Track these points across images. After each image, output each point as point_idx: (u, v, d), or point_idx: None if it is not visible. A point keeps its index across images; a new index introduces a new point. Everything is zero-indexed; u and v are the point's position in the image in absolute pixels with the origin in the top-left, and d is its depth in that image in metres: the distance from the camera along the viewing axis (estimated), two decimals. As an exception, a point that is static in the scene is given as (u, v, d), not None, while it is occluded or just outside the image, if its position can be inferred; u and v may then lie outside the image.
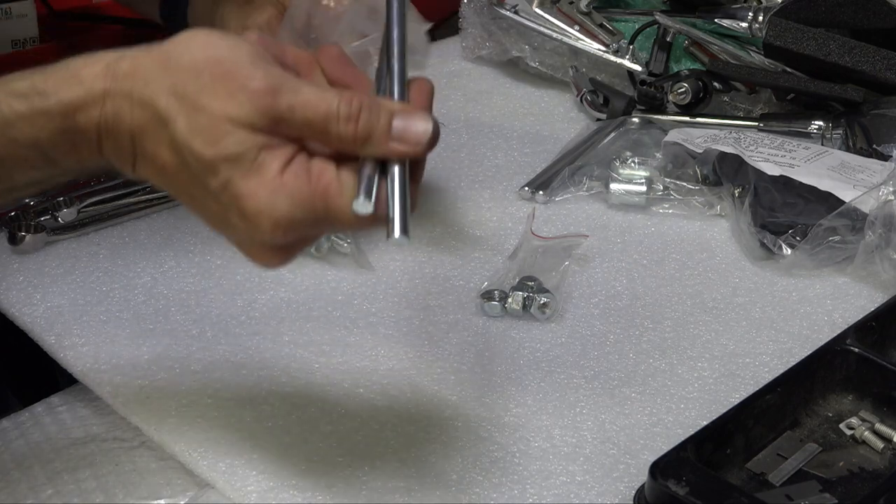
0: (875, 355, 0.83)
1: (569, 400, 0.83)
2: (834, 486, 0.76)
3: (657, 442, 0.78)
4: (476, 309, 0.93)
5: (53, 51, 1.20)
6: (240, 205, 0.59)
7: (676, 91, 1.20)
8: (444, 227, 1.05)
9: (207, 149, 0.59)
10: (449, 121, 1.26)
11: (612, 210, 1.09)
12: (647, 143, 1.15)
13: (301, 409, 0.79)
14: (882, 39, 1.16)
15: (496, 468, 0.76)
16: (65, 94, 0.61)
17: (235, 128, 0.59)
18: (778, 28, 1.17)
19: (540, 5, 1.30)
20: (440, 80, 1.35)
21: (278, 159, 0.59)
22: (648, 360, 0.88)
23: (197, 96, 0.59)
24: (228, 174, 0.59)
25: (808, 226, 0.98)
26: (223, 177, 0.59)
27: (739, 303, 0.95)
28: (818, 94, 1.17)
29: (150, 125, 0.60)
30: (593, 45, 1.29)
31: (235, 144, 0.59)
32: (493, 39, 1.35)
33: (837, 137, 1.13)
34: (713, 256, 1.02)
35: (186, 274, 0.97)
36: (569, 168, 1.12)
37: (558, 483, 0.75)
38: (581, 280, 0.97)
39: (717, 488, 0.70)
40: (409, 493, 0.73)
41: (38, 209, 1.01)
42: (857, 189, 1.00)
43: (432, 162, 1.17)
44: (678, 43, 1.29)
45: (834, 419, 0.82)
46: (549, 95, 1.33)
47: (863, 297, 0.96)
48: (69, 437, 0.78)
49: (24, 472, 0.75)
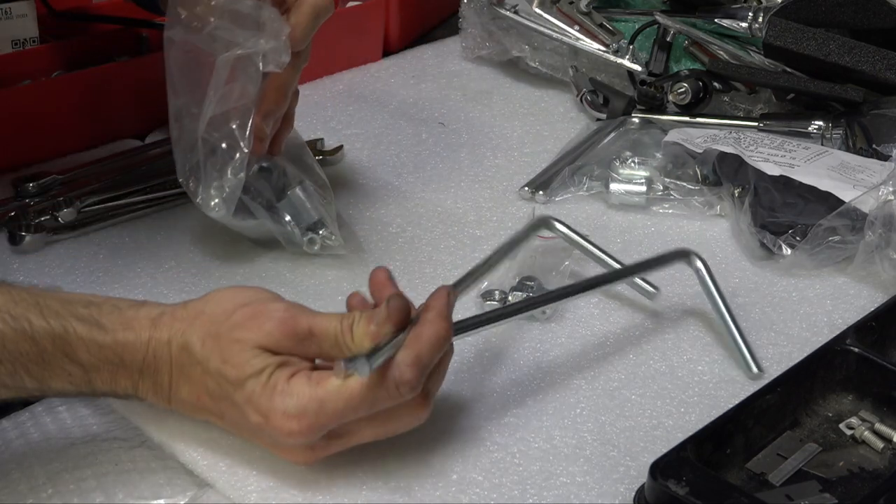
0: (875, 355, 0.83)
1: (569, 401, 0.83)
2: (834, 486, 0.76)
3: (657, 444, 0.78)
4: (476, 309, 0.93)
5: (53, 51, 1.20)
6: (259, 409, 0.71)
7: (676, 91, 1.20)
8: (444, 227, 1.05)
9: (237, 371, 0.71)
10: (449, 121, 1.26)
11: (612, 210, 1.09)
12: (647, 143, 1.15)
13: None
14: (882, 39, 1.16)
15: (496, 469, 0.76)
16: (120, 335, 0.72)
17: (261, 351, 0.71)
18: (778, 28, 1.17)
19: (540, 5, 1.30)
20: (440, 80, 1.36)
21: (287, 371, 0.71)
22: (649, 362, 0.88)
23: (230, 333, 0.72)
24: (252, 387, 0.71)
25: (808, 226, 0.98)
26: (248, 389, 0.71)
27: (739, 303, 0.94)
28: (818, 94, 1.17)
29: (186, 363, 0.72)
30: (593, 45, 1.29)
31: (260, 362, 0.71)
32: (493, 39, 1.36)
33: (837, 137, 1.13)
34: (713, 256, 1.02)
35: (186, 274, 0.97)
36: (569, 168, 1.12)
37: (558, 484, 0.75)
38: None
39: (717, 488, 0.70)
40: (410, 493, 0.73)
41: (38, 209, 1.01)
42: (857, 189, 1.00)
43: (432, 161, 1.18)
44: (678, 43, 1.29)
45: (834, 419, 0.82)
46: (549, 95, 1.33)
47: (863, 297, 0.96)
48: (69, 437, 0.78)
49: (23, 472, 0.75)
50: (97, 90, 1.15)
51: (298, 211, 0.97)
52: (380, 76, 1.37)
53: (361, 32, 1.38)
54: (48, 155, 1.13)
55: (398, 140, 1.22)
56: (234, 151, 0.91)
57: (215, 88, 0.89)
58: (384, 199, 1.10)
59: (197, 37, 0.90)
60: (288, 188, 0.97)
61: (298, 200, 0.97)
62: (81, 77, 1.15)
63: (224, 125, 0.91)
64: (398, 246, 1.02)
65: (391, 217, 1.07)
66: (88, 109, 1.16)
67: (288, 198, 0.97)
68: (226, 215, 0.93)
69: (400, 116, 1.27)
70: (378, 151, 1.19)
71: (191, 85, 0.91)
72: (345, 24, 1.37)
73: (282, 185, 0.97)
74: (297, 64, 0.94)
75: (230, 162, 0.91)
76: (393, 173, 1.15)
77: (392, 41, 1.43)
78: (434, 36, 1.50)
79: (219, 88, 0.89)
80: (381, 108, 1.29)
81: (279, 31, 0.89)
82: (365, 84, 1.35)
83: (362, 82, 1.36)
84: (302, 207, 0.97)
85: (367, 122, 1.26)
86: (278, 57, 0.89)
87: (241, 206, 0.94)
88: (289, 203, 0.97)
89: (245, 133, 0.91)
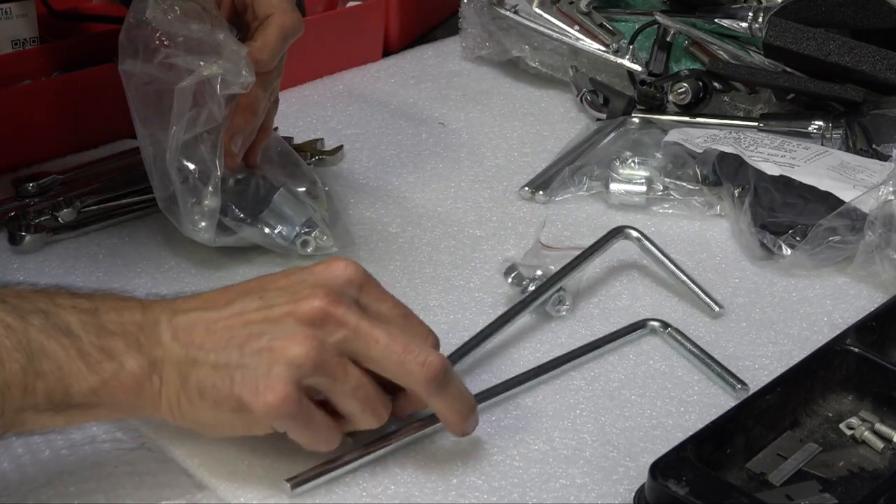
0: (875, 355, 0.83)
1: (569, 402, 0.83)
2: (834, 486, 0.76)
3: (657, 445, 0.78)
4: (477, 309, 0.93)
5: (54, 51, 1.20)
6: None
7: (676, 91, 1.20)
8: (444, 227, 1.05)
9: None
10: (449, 121, 1.26)
11: (612, 210, 1.09)
12: (647, 143, 1.15)
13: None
14: (882, 39, 1.16)
15: (496, 471, 0.76)
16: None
17: None
18: (778, 28, 1.16)
19: (540, 5, 1.30)
20: (440, 80, 1.36)
21: None
22: (648, 362, 0.88)
23: None
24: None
25: (808, 226, 0.98)
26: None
27: (739, 303, 0.94)
28: (818, 94, 1.17)
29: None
30: (593, 45, 1.29)
31: None
32: (493, 39, 1.35)
33: (837, 137, 1.13)
34: (713, 256, 1.02)
35: (186, 274, 0.97)
36: (569, 168, 1.12)
37: (558, 486, 0.75)
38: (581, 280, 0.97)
39: (717, 488, 0.70)
40: (410, 497, 0.73)
41: (38, 209, 1.01)
42: (857, 189, 1.00)
43: (432, 161, 1.18)
44: (678, 43, 1.29)
45: (834, 419, 0.82)
46: (549, 95, 1.33)
47: (863, 297, 0.96)
48: (69, 439, 0.78)
49: (23, 474, 0.75)
50: (97, 90, 1.15)
51: (284, 216, 0.97)
52: (380, 76, 1.37)
53: (361, 32, 1.38)
54: (48, 155, 1.13)
55: (398, 140, 1.22)
56: (206, 176, 0.91)
57: (179, 116, 0.89)
58: (384, 199, 1.10)
59: (152, 66, 0.90)
60: (271, 195, 0.97)
61: (280, 206, 0.97)
62: (81, 77, 1.15)
63: (195, 151, 0.91)
64: (398, 246, 1.02)
65: (391, 217, 1.07)
66: (88, 109, 1.16)
67: (271, 205, 0.97)
68: (211, 238, 0.94)
69: (400, 116, 1.27)
70: (378, 151, 1.19)
71: (155, 115, 0.91)
72: (345, 24, 1.37)
73: (263, 194, 0.97)
74: (267, 81, 0.94)
75: (204, 187, 0.91)
76: (393, 173, 1.15)
77: (392, 41, 1.43)
78: (434, 36, 1.50)
79: (182, 116, 0.89)
80: (381, 108, 1.29)
81: (237, 52, 0.89)
82: (365, 84, 1.35)
83: (362, 82, 1.36)
84: (286, 212, 0.97)
85: (367, 122, 1.26)
86: (237, 79, 0.89)
87: (220, 225, 0.94)
88: (272, 211, 0.97)
89: (215, 156, 0.91)
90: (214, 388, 0.70)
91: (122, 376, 0.69)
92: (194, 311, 0.72)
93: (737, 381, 0.84)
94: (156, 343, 0.70)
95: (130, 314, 0.71)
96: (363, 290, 0.74)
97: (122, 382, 0.69)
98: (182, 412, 0.71)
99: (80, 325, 0.68)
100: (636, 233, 0.97)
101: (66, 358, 0.67)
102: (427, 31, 1.51)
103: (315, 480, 0.73)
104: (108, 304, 0.71)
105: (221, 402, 0.70)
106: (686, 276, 0.95)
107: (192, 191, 0.91)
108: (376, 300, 0.74)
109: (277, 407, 0.69)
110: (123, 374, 0.69)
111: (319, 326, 0.70)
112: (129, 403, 0.70)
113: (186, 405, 0.70)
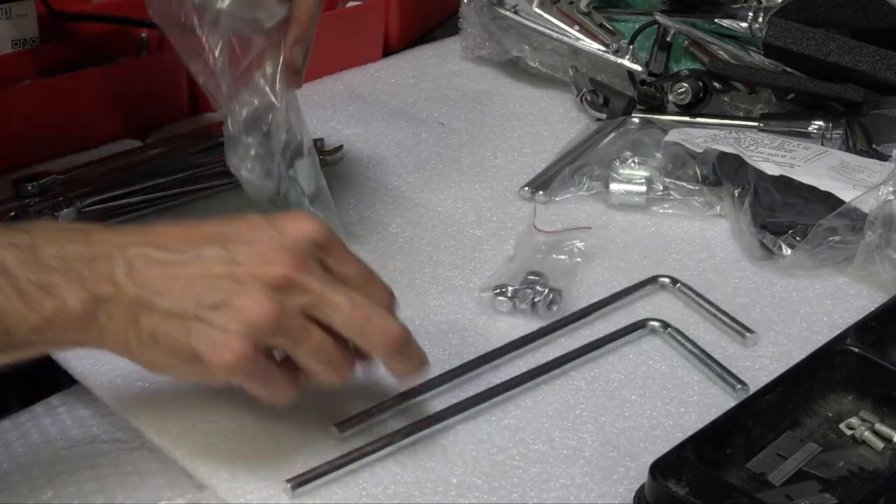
0: (875, 355, 0.83)
1: (568, 402, 0.83)
2: (834, 486, 0.76)
3: (657, 445, 0.78)
4: (477, 309, 0.93)
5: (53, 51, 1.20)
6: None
7: (676, 91, 1.20)
8: (444, 227, 1.05)
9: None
10: (449, 121, 1.26)
11: (612, 210, 1.09)
12: (647, 143, 1.15)
13: (302, 414, 0.79)
14: (882, 39, 1.16)
15: (496, 471, 0.76)
16: None
17: None
18: (778, 28, 1.16)
19: (540, 5, 1.30)
20: (440, 80, 1.36)
21: None
22: (648, 362, 0.88)
23: None
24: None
25: (808, 226, 0.98)
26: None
27: (739, 303, 0.94)
28: (818, 94, 1.17)
29: None
30: (593, 45, 1.29)
31: None
32: (493, 39, 1.35)
33: (837, 137, 1.13)
34: (713, 256, 1.02)
35: (186, 275, 0.97)
36: (569, 168, 1.12)
37: (558, 486, 0.75)
38: (581, 280, 0.97)
39: (717, 488, 0.70)
40: (410, 497, 0.73)
41: (38, 209, 1.01)
42: (857, 189, 1.00)
43: (432, 161, 1.18)
44: (678, 43, 1.29)
45: (834, 419, 0.82)
46: (549, 95, 1.32)
47: (863, 297, 0.96)
48: (69, 439, 0.78)
49: (23, 474, 0.75)
50: (97, 90, 1.15)
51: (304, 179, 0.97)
52: (380, 76, 1.37)
53: (361, 32, 1.38)
54: (48, 155, 1.13)
55: (398, 140, 1.22)
56: (265, 102, 0.92)
57: (219, 52, 0.89)
58: (384, 199, 1.10)
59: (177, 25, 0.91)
60: (297, 158, 0.97)
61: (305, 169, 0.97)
62: (81, 77, 1.15)
63: (249, 80, 0.91)
64: (398, 246, 1.02)
65: (391, 217, 1.07)
66: (88, 109, 1.16)
67: (295, 167, 0.97)
68: (258, 177, 0.94)
69: (400, 116, 1.27)
70: (378, 151, 1.19)
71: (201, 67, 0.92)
72: (345, 24, 1.37)
73: (294, 148, 0.97)
74: None
75: (263, 116, 0.92)
76: (393, 173, 1.15)
77: (392, 41, 1.43)
78: (434, 36, 1.50)
79: (223, 53, 0.89)
80: (381, 108, 1.29)
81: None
82: (365, 84, 1.35)
83: (362, 82, 1.36)
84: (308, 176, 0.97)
85: (367, 122, 1.26)
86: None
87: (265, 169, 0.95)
88: (296, 171, 0.97)
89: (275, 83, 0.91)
90: (169, 337, 0.68)
91: (63, 314, 0.67)
92: (150, 247, 0.70)
93: (737, 381, 0.84)
94: (104, 278, 0.68)
95: (73, 247, 0.69)
96: (327, 251, 0.73)
97: (64, 320, 0.67)
98: (130, 350, 0.70)
99: (16, 263, 0.67)
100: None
101: (3, 298, 0.66)
102: (427, 31, 1.51)
103: (315, 481, 0.73)
104: (47, 236, 0.69)
105: (176, 351, 0.69)
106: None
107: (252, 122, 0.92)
108: (340, 261, 0.74)
109: (234, 365, 0.68)
110: (65, 312, 0.67)
111: (284, 291, 0.69)
112: (72, 339, 0.69)
113: (136, 345, 0.69)
